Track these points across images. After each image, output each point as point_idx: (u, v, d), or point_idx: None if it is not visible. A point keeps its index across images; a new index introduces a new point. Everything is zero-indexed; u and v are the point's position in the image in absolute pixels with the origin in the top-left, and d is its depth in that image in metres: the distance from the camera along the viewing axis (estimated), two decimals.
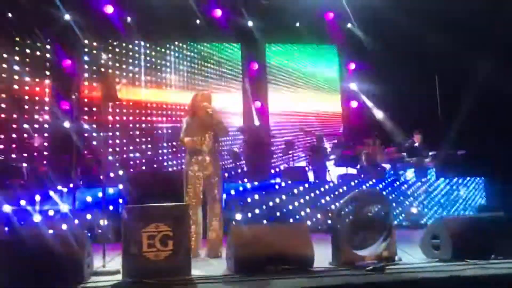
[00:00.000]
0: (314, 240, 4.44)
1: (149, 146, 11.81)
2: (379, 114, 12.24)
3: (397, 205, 9.01)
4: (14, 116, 11.29)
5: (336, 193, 8.86)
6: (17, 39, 11.29)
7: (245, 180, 9.05)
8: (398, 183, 9.45)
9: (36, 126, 11.38)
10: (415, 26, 10.59)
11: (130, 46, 12.19)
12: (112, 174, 10.05)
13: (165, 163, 11.74)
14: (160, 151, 11.79)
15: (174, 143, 11.37)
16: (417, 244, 4.91)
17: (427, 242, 4.75)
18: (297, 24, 12.23)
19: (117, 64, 12.03)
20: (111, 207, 7.85)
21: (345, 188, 9.00)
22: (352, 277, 3.84)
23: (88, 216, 7.54)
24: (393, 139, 11.14)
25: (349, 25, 12.48)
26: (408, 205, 9.13)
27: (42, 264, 3.68)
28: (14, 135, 11.15)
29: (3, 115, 11.15)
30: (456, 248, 4.43)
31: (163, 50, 12.46)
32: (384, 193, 8.70)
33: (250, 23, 11.98)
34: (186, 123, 5.51)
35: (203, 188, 5.41)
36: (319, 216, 8.54)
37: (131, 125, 11.89)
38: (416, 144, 10.45)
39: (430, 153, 10.20)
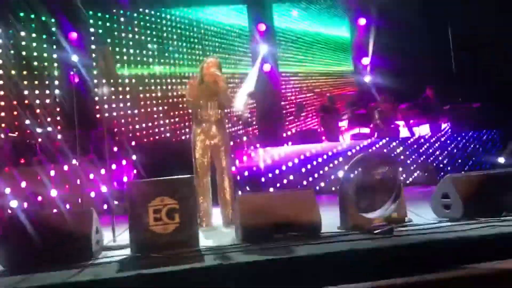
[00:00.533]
0: (327, 203, 4.41)
1: (160, 115, 11.81)
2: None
3: (412, 162, 8.92)
4: (26, 92, 11.36)
5: (349, 153, 8.81)
6: (21, 14, 11.22)
7: (257, 145, 9.03)
8: (412, 139, 9.32)
9: (48, 101, 11.45)
10: None
11: (135, 15, 12.02)
12: (125, 146, 10.16)
13: (178, 132, 11.76)
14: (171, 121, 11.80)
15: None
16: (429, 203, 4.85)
17: (437, 201, 4.68)
18: None
19: (122, 34, 11.90)
20: (125, 179, 7.92)
21: (358, 148, 8.94)
22: (359, 241, 3.81)
23: (103, 189, 7.60)
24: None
25: None
26: (423, 161, 9.02)
27: (49, 242, 3.73)
28: (27, 111, 11.25)
29: (15, 91, 11.23)
30: (466, 207, 4.36)
31: (167, 16, 12.26)
32: (394, 152, 8.64)
33: None
34: (191, 86, 5.43)
35: (211, 158, 5.38)
36: (332, 177, 8.52)
37: (141, 96, 11.87)
38: (430, 99, 10.23)
39: (444, 108, 9.99)
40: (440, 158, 9.09)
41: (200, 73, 5.44)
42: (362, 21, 12.66)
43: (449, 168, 8.97)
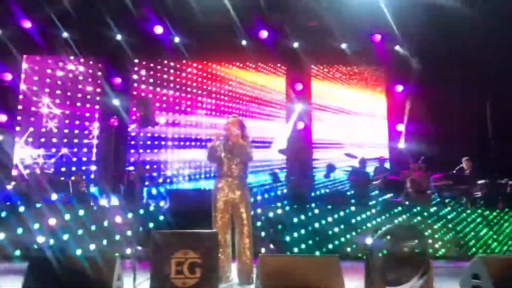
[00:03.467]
0: (351, 269, 4.30)
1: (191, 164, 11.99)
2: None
3: (443, 235, 8.65)
4: (66, 131, 11.80)
5: (379, 220, 8.63)
6: (71, 57, 11.82)
7: (284, 202, 8.97)
8: (445, 211, 9.08)
9: (86, 141, 11.84)
10: (465, 47, 10.31)
11: (178, 66, 12.49)
12: (154, 191, 10.30)
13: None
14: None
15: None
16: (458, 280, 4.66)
17: (467, 281, 4.50)
18: (344, 46, 12.14)
19: (164, 83, 12.34)
20: (151, 224, 7.93)
21: (387, 215, 8.75)
22: None
23: (129, 233, 7.63)
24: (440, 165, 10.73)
25: (396, 47, 12.25)
26: (455, 235, 8.73)
27: (71, 284, 3.75)
28: (65, 149, 11.65)
29: (55, 130, 11.68)
30: None
31: (209, 70, 12.68)
32: (425, 223, 8.42)
33: (295, 45, 12.01)
34: (214, 143, 5.54)
35: (231, 212, 5.38)
36: (359, 243, 8.32)
37: (175, 143, 12.13)
38: (466, 172, 10.02)
39: (479, 182, 9.74)
40: (472, 234, 8.78)
41: (223, 130, 5.60)
42: (399, 88, 12.74)
43: (480, 246, 8.63)
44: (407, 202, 9.60)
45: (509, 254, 8.32)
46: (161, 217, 8.22)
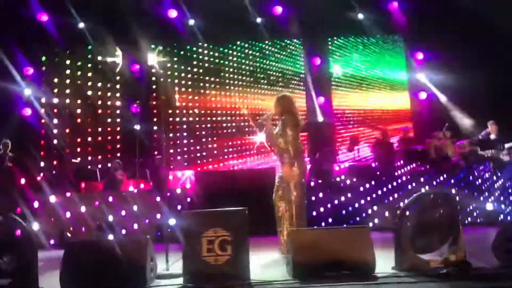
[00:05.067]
0: (380, 240, 4.33)
1: (215, 145, 12.05)
2: (449, 104, 11.66)
3: (471, 201, 8.55)
4: (89, 120, 11.96)
5: (405, 189, 8.58)
6: (89, 47, 11.89)
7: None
8: (471, 178, 8.96)
9: (109, 129, 11.98)
10: (489, 9, 10.00)
11: (194, 49, 12.47)
12: (179, 174, 10.42)
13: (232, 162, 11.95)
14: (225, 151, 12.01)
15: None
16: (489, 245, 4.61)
17: (499, 245, 4.45)
18: (360, 16, 11.91)
19: (182, 67, 12.34)
20: (179, 207, 8.05)
21: (414, 184, 8.69)
22: (415, 284, 3.69)
23: (158, 216, 7.75)
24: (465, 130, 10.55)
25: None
26: (483, 201, 8.62)
27: (105, 269, 3.86)
28: (89, 138, 11.82)
29: (79, 120, 11.84)
30: None
31: (225, 50, 12.63)
32: (452, 191, 8.32)
33: (310, 18, 11.84)
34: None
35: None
36: (386, 214, 8.30)
37: (197, 126, 12.18)
38: (492, 136, 9.84)
39: (507, 146, 9.56)
40: (501, 198, 8.66)
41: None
42: (420, 56, 12.49)
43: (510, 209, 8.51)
44: (432, 170, 9.51)
45: None
46: (188, 199, 8.35)
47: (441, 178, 8.83)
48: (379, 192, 8.60)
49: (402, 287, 3.67)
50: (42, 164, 10.73)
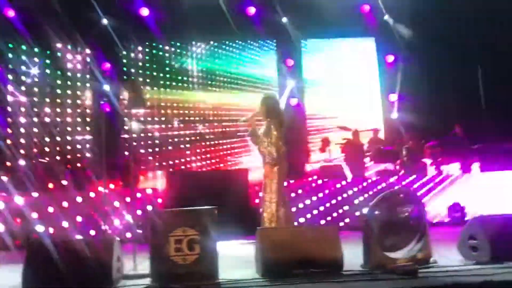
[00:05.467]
0: (350, 240, 4.37)
1: (188, 146, 11.97)
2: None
3: (439, 201, 8.73)
4: (58, 119, 11.71)
5: (375, 190, 8.71)
6: (58, 45, 11.65)
7: None
8: (440, 178, 9.15)
9: (79, 128, 11.75)
10: (456, 15, 10.25)
11: (167, 48, 12.36)
12: (150, 175, 10.30)
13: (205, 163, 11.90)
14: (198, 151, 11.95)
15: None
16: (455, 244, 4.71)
17: (464, 243, 4.55)
18: (332, 18, 12.00)
19: (154, 66, 12.22)
20: (149, 208, 7.95)
21: (384, 185, 8.82)
22: (382, 282, 3.73)
23: (127, 217, 7.65)
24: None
25: (386, 17, 12.15)
26: (451, 200, 8.81)
27: (70, 269, 3.77)
28: (58, 138, 11.56)
29: (47, 119, 11.58)
30: (494, 250, 4.22)
31: (197, 50, 12.57)
32: (421, 191, 8.49)
33: (284, 19, 11.89)
34: None
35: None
36: (356, 213, 8.40)
37: (169, 126, 12.08)
38: (459, 137, 10.07)
39: (474, 146, 9.80)
40: (469, 198, 8.85)
41: None
42: (390, 58, 12.68)
43: (477, 209, 8.71)
44: (402, 171, 9.68)
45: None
46: (160, 200, 8.27)
47: (411, 178, 8.99)
48: (350, 192, 8.70)
49: (369, 284, 3.70)
50: (8, 164, 10.45)
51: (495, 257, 4.19)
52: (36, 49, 11.61)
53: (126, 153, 10.60)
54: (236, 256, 5.49)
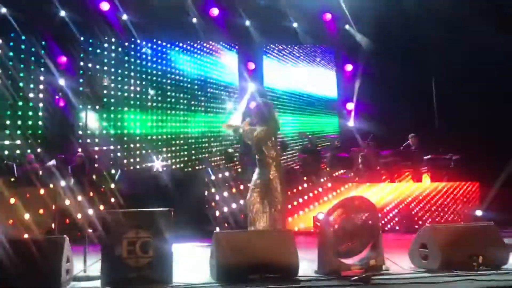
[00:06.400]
0: (306, 245, 4.38)
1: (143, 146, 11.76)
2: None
3: (391, 209, 8.94)
4: (8, 112, 11.25)
5: (330, 196, 8.84)
6: (12, 34, 11.19)
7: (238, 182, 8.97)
8: (393, 186, 9.38)
9: (30, 122, 11.32)
10: (413, 28, 10.56)
11: (126, 44, 12.10)
12: (105, 173, 10.02)
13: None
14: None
15: None
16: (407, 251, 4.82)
17: (415, 251, 4.66)
18: (295, 25, 12.14)
19: (112, 62, 11.93)
20: (101, 207, 7.74)
21: (339, 191, 8.96)
22: (335, 287, 3.76)
23: (79, 216, 7.40)
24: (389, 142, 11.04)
25: (346, 26, 12.39)
26: (403, 208, 9.04)
27: (15, 269, 3.60)
28: (7, 132, 11.10)
29: None
30: (444, 258, 4.34)
31: (159, 48, 12.38)
32: (375, 198, 8.66)
33: (247, 23, 11.92)
34: None
35: None
36: (311, 218, 8.49)
37: (125, 123, 11.83)
38: (412, 148, 10.35)
39: (425, 157, 10.10)
40: (420, 206, 9.12)
41: None
42: (349, 67, 12.93)
43: (428, 218, 8.98)
44: (357, 178, 9.86)
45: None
46: (112, 199, 8.06)
47: (366, 186, 9.17)
48: (305, 197, 8.77)
49: None
50: None
51: (446, 265, 4.31)
52: None
53: (80, 150, 10.31)
54: (191, 259, 5.41)
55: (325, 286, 3.89)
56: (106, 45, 11.90)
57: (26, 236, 5.81)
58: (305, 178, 9.20)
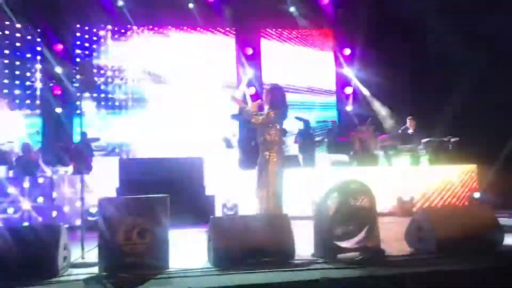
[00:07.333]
0: (303, 228, 4.42)
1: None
2: (373, 100, 12.14)
3: (389, 193, 8.95)
4: (5, 100, 11.23)
5: (327, 179, 8.83)
6: (7, 22, 11.11)
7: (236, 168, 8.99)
8: (391, 170, 9.39)
9: (28, 111, 11.31)
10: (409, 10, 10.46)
11: (122, 31, 12.03)
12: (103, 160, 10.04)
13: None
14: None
15: None
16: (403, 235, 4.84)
17: (411, 233, 4.69)
18: (291, 9, 12.05)
19: (108, 50, 11.88)
20: (99, 194, 7.74)
21: (335, 175, 8.96)
22: (331, 270, 3.79)
23: (77, 204, 7.43)
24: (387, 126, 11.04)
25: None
26: (401, 192, 9.05)
27: (13, 256, 3.63)
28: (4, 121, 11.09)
29: None
30: (440, 240, 4.36)
31: (155, 35, 12.31)
32: (372, 182, 8.65)
33: (244, 8, 11.83)
34: None
35: None
36: (309, 202, 8.49)
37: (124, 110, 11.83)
38: (410, 131, 10.34)
39: (423, 140, 10.09)
40: (417, 189, 9.13)
41: None
42: (347, 51, 12.86)
43: (424, 201, 9.00)
44: (355, 162, 9.86)
45: None
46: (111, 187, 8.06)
47: (363, 169, 9.16)
48: (302, 180, 8.78)
49: (320, 273, 3.74)
50: None
51: (441, 248, 4.33)
52: None
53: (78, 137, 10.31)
54: (188, 244, 5.44)
55: (322, 268, 3.91)
56: (102, 32, 11.85)
57: (24, 223, 5.84)
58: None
